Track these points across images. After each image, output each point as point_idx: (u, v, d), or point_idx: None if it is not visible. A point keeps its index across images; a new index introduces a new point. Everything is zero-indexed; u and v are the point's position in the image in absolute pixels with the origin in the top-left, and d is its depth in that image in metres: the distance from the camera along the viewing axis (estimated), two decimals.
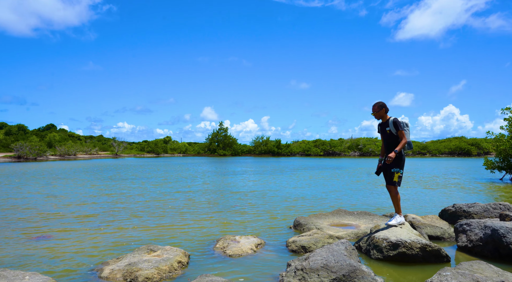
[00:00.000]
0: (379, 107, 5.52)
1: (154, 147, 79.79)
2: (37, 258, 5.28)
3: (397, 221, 5.51)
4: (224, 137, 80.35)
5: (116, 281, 4.30)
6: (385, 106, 5.55)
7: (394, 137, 5.47)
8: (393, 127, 5.41)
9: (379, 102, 5.53)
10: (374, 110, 5.54)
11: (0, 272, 4.12)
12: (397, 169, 5.38)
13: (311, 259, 4.16)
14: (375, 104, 5.55)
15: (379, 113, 5.55)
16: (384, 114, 5.56)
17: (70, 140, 69.31)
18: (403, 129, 5.39)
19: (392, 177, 5.40)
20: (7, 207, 9.64)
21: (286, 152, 76.29)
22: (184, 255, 5.00)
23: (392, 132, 5.45)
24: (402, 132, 5.35)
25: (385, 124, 5.55)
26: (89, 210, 9.30)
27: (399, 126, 5.36)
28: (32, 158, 49.16)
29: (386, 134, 5.54)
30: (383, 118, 5.59)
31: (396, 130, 5.39)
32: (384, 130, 5.57)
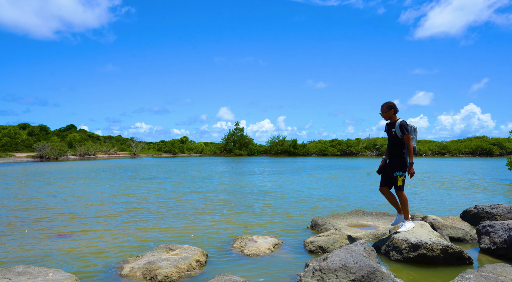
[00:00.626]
0: (387, 108, 5.44)
1: (171, 147, 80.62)
2: (59, 255, 5.40)
3: (408, 226, 5.40)
4: (240, 137, 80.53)
5: (136, 279, 4.36)
6: (395, 106, 5.46)
7: (398, 140, 5.38)
8: (399, 130, 5.32)
9: (388, 102, 5.46)
10: (383, 110, 5.49)
11: (25, 268, 4.24)
12: (400, 172, 5.33)
13: (329, 259, 4.13)
14: (384, 104, 5.49)
15: (388, 114, 5.48)
16: (392, 115, 5.48)
17: (89, 140, 70.72)
18: (409, 133, 5.31)
19: (397, 182, 5.35)
20: (30, 206, 9.91)
21: (302, 152, 75.94)
22: (202, 254, 5.04)
23: (397, 135, 5.36)
24: (408, 136, 5.26)
25: (392, 125, 5.47)
26: (109, 209, 9.47)
27: (406, 129, 5.27)
28: (54, 158, 50.38)
29: (391, 135, 5.47)
30: (392, 119, 5.52)
31: (402, 133, 5.30)
32: (390, 131, 5.49)
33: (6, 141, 61.75)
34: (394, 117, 5.49)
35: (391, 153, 5.47)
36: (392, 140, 5.46)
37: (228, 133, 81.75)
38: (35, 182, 16.85)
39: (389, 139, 5.54)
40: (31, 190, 13.72)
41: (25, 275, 4.05)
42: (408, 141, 5.25)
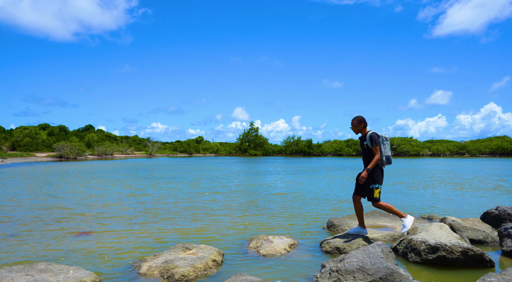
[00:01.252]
0: (358, 122, 5.62)
1: (187, 147, 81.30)
2: (79, 254, 5.51)
3: (408, 224, 5.47)
4: (255, 137, 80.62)
5: (153, 278, 4.42)
6: (364, 120, 5.65)
7: (371, 152, 5.52)
8: (369, 142, 5.47)
9: (358, 116, 5.64)
10: (353, 124, 5.65)
11: (47, 266, 4.34)
12: (375, 185, 5.43)
13: (346, 260, 4.10)
14: (354, 119, 5.65)
15: (358, 128, 5.65)
16: (362, 128, 5.65)
17: (107, 140, 71.92)
18: (378, 144, 5.40)
19: (373, 194, 5.45)
20: (50, 205, 10.14)
21: (318, 152, 75.52)
22: (218, 254, 5.06)
23: (369, 146, 5.50)
24: (376, 148, 5.40)
25: (363, 138, 5.63)
26: (126, 208, 9.61)
27: (374, 141, 5.40)
28: (72, 158, 51.42)
29: (363, 147, 5.62)
30: (362, 132, 5.68)
31: (372, 144, 5.44)
32: (362, 144, 5.66)
33: (27, 141, 63.33)
34: (364, 130, 5.66)
35: (365, 165, 5.62)
36: (365, 152, 5.61)
37: (243, 133, 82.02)
38: (55, 182, 17.23)
39: (362, 152, 5.70)
40: (51, 189, 14.03)
41: (47, 272, 4.15)
42: (375, 152, 5.40)
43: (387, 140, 5.57)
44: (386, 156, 5.52)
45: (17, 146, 61.19)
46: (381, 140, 5.49)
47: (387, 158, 5.53)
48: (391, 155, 5.64)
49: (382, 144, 5.49)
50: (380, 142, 5.46)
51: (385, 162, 5.54)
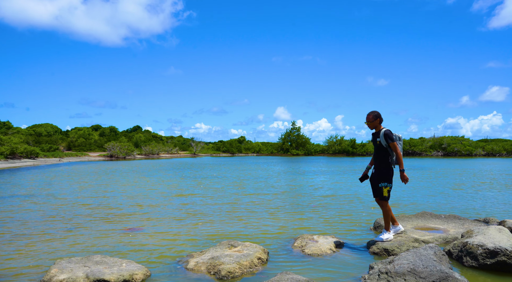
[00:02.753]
0: (374, 117, 5.47)
1: (229, 147, 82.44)
2: (129, 248, 5.76)
3: (386, 237, 5.45)
4: (297, 137, 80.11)
5: (200, 273, 4.52)
6: (380, 116, 5.50)
7: (383, 149, 5.39)
8: (384, 139, 5.33)
9: (374, 111, 5.49)
10: (369, 119, 5.49)
11: (102, 258, 4.58)
12: (385, 183, 5.36)
13: (396, 262, 3.96)
14: (370, 114, 5.49)
15: (373, 123, 5.49)
16: (378, 124, 5.51)
17: (153, 141, 74.64)
18: (394, 141, 5.28)
19: (382, 193, 5.39)
20: (102, 201, 10.69)
21: (362, 152, 73.63)
22: (263, 252, 5.08)
23: (382, 144, 5.36)
24: (394, 144, 5.26)
25: (377, 134, 5.47)
26: (173, 206, 9.92)
27: (390, 138, 5.27)
28: (122, 157, 53.91)
29: (376, 144, 5.46)
30: (376, 128, 5.53)
31: (387, 142, 5.31)
32: (375, 140, 5.50)
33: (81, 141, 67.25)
34: (379, 126, 5.52)
35: (376, 163, 5.49)
36: (377, 149, 5.47)
37: (284, 132, 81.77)
38: (106, 180, 18.16)
39: (374, 149, 5.55)
40: (103, 187, 14.80)
41: (102, 264, 4.38)
42: (395, 149, 5.27)
43: (400, 139, 5.43)
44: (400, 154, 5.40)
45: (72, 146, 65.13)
46: (394, 138, 5.35)
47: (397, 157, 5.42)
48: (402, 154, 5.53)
49: None
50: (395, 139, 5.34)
51: (395, 162, 5.43)
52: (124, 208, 9.41)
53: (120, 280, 4.04)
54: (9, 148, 37.73)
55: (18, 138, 44.32)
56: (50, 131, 77.88)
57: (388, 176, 5.38)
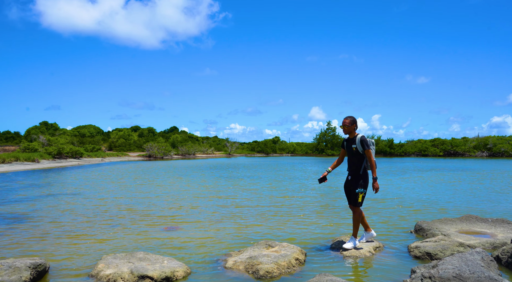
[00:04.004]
0: (350, 122, 5.37)
1: (264, 147, 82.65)
2: (169, 246, 5.92)
3: (353, 244, 5.36)
4: (332, 137, 78.96)
5: (239, 272, 4.58)
6: (356, 122, 5.44)
7: (359, 155, 5.31)
8: (360, 145, 5.25)
9: (350, 117, 5.40)
10: (345, 124, 5.37)
11: (145, 255, 4.75)
12: (361, 189, 5.27)
13: (440, 267, 3.82)
14: (347, 118, 5.39)
15: (350, 128, 5.39)
16: (353, 130, 5.41)
17: (189, 141, 76.22)
18: (370, 148, 5.23)
19: (357, 199, 5.29)
20: (142, 200, 11.07)
21: (400, 152, 71.45)
22: (301, 253, 5.07)
23: (358, 150, 5.27)
24: (369, 152, 5.22)
25: (352, 140, 5.37)
26: (210, 205, 10.09)
27: (366, 144, 5.21)
28: (160, 157, 55.48)
29: (352, 151, 5.35)
30: (351, 134, 5.42)
31: (363, 148, 5.23)
32: (350, 147, 5.39)
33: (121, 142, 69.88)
34: (354, 132, 5.42)
35: (352, 170, 5.38)
36: (352, 156, 5.37)
37: (319, 133, 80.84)
38: (146, 179, 18.78)
39: (348, 155, 5.46)
40: (143, 186, 15.31)
41: (145, 261, 4.54)
42: (370, 156, 5.20)
43: (374, 144, 5.40)
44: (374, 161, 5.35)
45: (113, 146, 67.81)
46: (369, 143, 5.32)
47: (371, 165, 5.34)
48: (375, 159, 5.42)
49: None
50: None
51: (369, 166, 5.34)
52: (163, 207, 9.69)
53: (162, 277, 4.18)
54: (56, 148, 39.90)
55: (64, 139, 46.74)
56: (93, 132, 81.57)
57: (365, 182, 5.29)
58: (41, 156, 36.11)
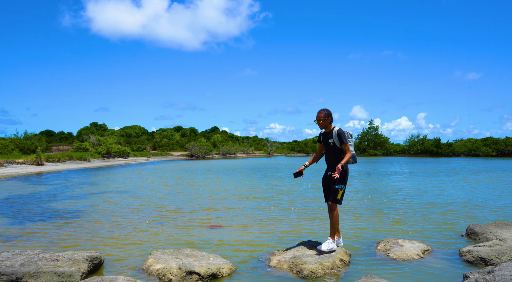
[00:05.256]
0: (325, 116, 5.05)
1: (304, 147, 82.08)
2: (213, 244, 6.06)
3: (329, 247, 4.95)
4: (375, 136, 76.89)
5: (283, 271, 4.60)
6: (331, 115, 5.11)
7: (337, 149, 5.04)
8: (337, 139, 4.98)
9: (325, 109, 5.09)
10: (320, 118, 5.05)
11: (191, 251, 4.91)
12: (341, 185, 4.95)
13: (496, 273, 3.63)
14: (321, 112, 5.06)
15: (325, 122, 5.08)
16: (329, 123, 5.11)
17: (230, 141, 77.28)
18: (347, 142, 4.96)
19: (337, 195, 4.96)
20: (186, 199, 11.39)
21: (447, 152, 68.20)
22: (345, 254, 5.01)
23: (336, 144, 5.00)
24: (347, 145, 4.95)
25: (329, 135, 5.08)
26: (253, 204, 10.20)
27: (344, 138, 4.93)
28: (201, 157, 56.74)
29: (330, 146, 5.07)
30: (327, 128, 5.12)
31: (341, 143, 4.96)
32: (327, 141, 5.10)
33: (165, 142, 72.21)
34: (329, 126, 5.13)
35: (331, 165, 5.11)
36: (330, 150, 5.09)
37: (361, 132, 79.02)
38: (189, 178, 19.29)
39: (326, 150, 5.18)
40: (187, 185, 15.75)
41: (192, 257, 4.69)
42: (347, 150, 4.94)
43: (352, 136, 5.15)
44: (352, 155, 5.10)
45: (157, 146, 70.23)
46: (347, 135, 5.07)
47: (352, 157, 5.13)
48: (355, 153, 5.19)
49: (348, 142, 5.02)
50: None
51: (351, 160, 5.12)
52: (207, 206, 9.92)
53: (208, 273, 4.30)
54: (105, 148, 41.98)
55: (112, 139, 49.06)
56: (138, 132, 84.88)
57: (344, 177, 4.99)
58: (92, 155, 38.16)
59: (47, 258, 4.29)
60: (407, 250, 5.26)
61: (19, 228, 7.22)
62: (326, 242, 4.99)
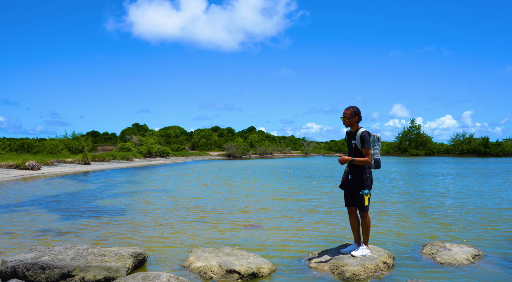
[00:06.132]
0: (352, 114, 4.71)
1: (342, 147, 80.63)
2: (252, 243, 6.06)
3: (363, 253, 4.73)
4: (417, 135, 74.15)
5: (323, 272, 4.52)
6: (359, 113, 4.76)
7: (359, 152, 4.67)
8: (359, 142, 4.61)
9: (353, 107, 4.76)
10: (346, 115, 4.73)
11: (231, 250, 4.95)
12: (365, 190, 4.65)
13: None
14: (348, 109, 4.74)
15: (351, 121, 4.74)
16: (355, 122, 4.76)
17: (266, 141, 77.45)
18: (369, 146, 4.59)
19: (363, 201, 4.67)
20: (225, 197, 11.52)
21: (497, 152, 64.46)
22: (388, 256, 4.84)
23: (358, 147, 4.65)
24: (367, 151, 4.58)
25: (353, 135, 4.74)
26: (291, 204, 10.14)
27: (366, 142, 4.56)
28: (238, 156, 57.26)
29: (351, 147, 4.74)
30: (353, 127, 4.78)
31: (362, 146, 4.59)
32: (349, 141, 4.78)
33: (203, 142, 73.59)
34: (356, 125, 4.78)
35: (352, 167, 4.73)
36: (352, 152, 4.75)
37: (402, 131, 76.47)
38: (227, 177, 19.51)
39: (349, 151, 4.83)
40: (225, 184, 15.93)
41: (232, 256, 4.72)
42: (366, 155, 4.59)
43: (379, 140, 4.79)
44: (375, 160, 4.76)
45: (195, 146, 71.71)
46: (372, 140, 4.71)
47: (376, 161, 4.76)
48: (380, 158, 4.81)
49: (372, 146, 4.72)
50: (371, 142, 4.70)
51: (373, 166, 4.76)
52: (244, 206, 9.97)
53: (249, 272, 4.30)
54: (146, 148, 43.43)
55: (153, 139, 50.68)
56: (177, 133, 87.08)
57: (367, 181, 4.68)
58: (134, 155, 39.60)
59: (95, 253, 4.48)
60: (456, 254, 5.00)
61: (69, 223, 7.61)
62: (360, 249, 4.79)
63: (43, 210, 9.14)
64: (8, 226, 7.28)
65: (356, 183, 4.69)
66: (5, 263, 4.11)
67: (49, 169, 23.40)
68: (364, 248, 4.80)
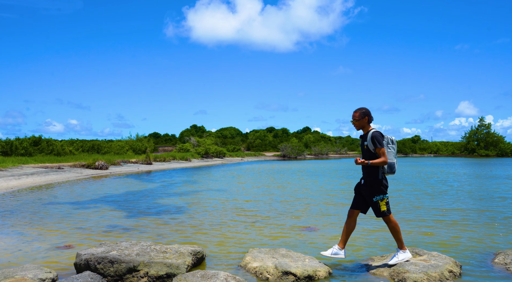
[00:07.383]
0: (361, 115, 4.50)
1: (402, 147, 77.08)
2: (308, 245, 6.01)
3: (402, 258, 4.50)
4: (486, 135, 68.76)
5: (382, 278, 4.36)
6: (369, 114, 4.55)
7: (372, 155, 4.42)
8: (371, 143, 4.36)
9: (362, 108, 4.55)
10: (355, 118, 4.53)
11: (287, 252, 4.95)
12: (380, 196, 4.40)
13: None
14: (356, 111, 4.55)
15: (360, 123, 4.53)
16: (366, 124, 4.55)
17: (322, 141, 76.30)
18: (382, 146, 4.33)
19: (379, 207, 4.42)
20: (280, 198, 11.54)
21: None
22: (455, 265, 4.54)
23: (370, 148, 4.40)
24: (381, 150, 4.32)
25: (364, 137, 4.51)
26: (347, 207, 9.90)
27: (378, 142, 4.31)
28: (293, 157, 57.07)
29: (363, 149, 4.51)
30: (364, 129, 4.57)
31: (374, 146, 4.34)
32: (362, 144, 4.56)
33: (258, 142, 74.37)
34: (367, 126, 4.56)
35: (365, 172, 4.49)
36: (365, 155, 4.51)
37: (469, 130, 71.36)
38: (282, 178, 19.54)
39: (362, 155, 4.59)
40: (280, 185, 15.95)
41: (287, 258, 4.72)
42: (381, 154, 4.31)
43: (394, 143, 4.53)
44: (389, 164, 4.43)
45: (250, 146, 72.67)
46: (385, 142, 4.44)
47: (389, 166, 4.44)
48: (395, 162, 4.47)
49: (386, 149, 4.43)
50: (384, 144, 4.41)
51: (387, 170, 4.44)
52: (301, 208, 9.92)
53: (305, 275, 4.28)
54: (204, 149, 44.89)
55: (210, 140, 52.22)
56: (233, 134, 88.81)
57: (381, 186, 4.39)
58: (192, 155, 41.11)
59: (157, 249, 4.72)
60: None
61: (132, 220, 8.09)
62: (397, 256, 4.56)
63: (109, 207, 9.82)
64: (80, 222, 7.92)
65: (369, 190, 4.48)
66: (80, 256, 4.48)
67: (116, 168, 25.11)
68: (399, 254, 4.57)
